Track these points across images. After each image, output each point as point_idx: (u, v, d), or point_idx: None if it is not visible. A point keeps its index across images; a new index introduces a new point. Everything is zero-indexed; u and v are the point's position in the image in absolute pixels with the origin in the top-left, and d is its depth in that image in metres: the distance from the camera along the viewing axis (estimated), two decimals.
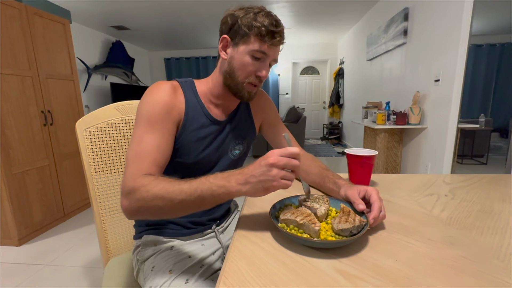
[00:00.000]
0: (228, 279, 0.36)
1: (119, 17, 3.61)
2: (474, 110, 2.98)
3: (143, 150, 0.55)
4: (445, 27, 2.04)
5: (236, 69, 0.62)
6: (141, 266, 0.66)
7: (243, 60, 0.61)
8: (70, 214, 2.25)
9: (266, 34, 0.58)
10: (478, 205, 0.60)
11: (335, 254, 0.42)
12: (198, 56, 5.69)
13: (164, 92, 0.60)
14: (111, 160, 0.79)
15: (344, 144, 5.29)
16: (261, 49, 0.59)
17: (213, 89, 0.68)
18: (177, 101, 0.62)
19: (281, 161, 0.44)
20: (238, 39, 0.61)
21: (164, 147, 0.58)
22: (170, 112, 0.60)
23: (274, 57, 0.63)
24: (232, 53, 0.62)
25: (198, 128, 0.65)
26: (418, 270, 0.37)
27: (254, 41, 0.59)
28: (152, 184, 0.48)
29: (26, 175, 1.86)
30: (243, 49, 0.60)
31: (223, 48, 0.64)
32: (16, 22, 1.79)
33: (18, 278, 1.48)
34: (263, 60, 0.62)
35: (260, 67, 0.62)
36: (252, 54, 0.60)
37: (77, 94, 2.34)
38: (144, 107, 0.59)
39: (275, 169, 0.44)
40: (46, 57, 2.02)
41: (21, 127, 1.82)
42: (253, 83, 0.63)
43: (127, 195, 0.49)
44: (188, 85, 0.67)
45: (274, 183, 0.44)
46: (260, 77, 0.63)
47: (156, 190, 0.47)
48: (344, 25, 4.43)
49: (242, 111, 0.75)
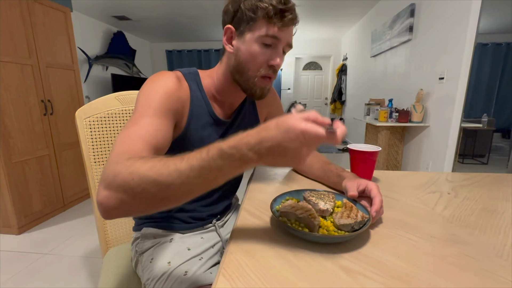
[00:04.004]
0: (227, 271, 0.36)
1: (121, 7, 3.56)
2: (477, 110, 2.96)
3: (136, 133, 0.44)
4: (452, 24, 2.01)
5: (244, 61, 0.55)
6: (139, 258, 0.66)
7: (252, 50, 0.54)
8: (70, 204, 2.25)
9: (275, 14, 0.51)
10: (481, 203, 0.59)
11: (336, 249, 0.41)
12: (200, 49, 5.63)
13: (168, 81, 0.54)
14: (110, 150, 0.79)
15: (345, 141, 5.28)
16: (271, 33, 0.52)
17: (218, 84, 0.62)
18: (182, 93, 0.56)
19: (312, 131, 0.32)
20: (243, 27, 0.54)
21: (163, 134, 0.48)
22: (173, 102, 0.53)
23: (287, 41, 0.55)
24: (238, 44, 0.55)
25: (201, 127, 0.60)
26: (420, 267, 0.37)
27: (261, 25, 0.52)
28: (137, 164, 0.36)
29: (26, 164, 1.86)
30: (249, 37, 0.54)
31: (228, 41, 0.57)
32: (16, 8, 1.77)
33: (17, 266, 1.49)
34: (275, 46, 0.54)
35: (272, 54, 0.54)
36: (261, 41, 0.53)
37: (78, 84, 2.32)
38: (144, 94, 0.52)
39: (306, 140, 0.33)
40: (46, 45, 1.99)
41: (20, 116, 1.81)
42: (267, 75, 0.56)
43: (106, 183, 0.36)
44: (193, 77, 0.61)
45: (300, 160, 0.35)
46: (274, 66, 0.55)
47: (143, 171, 0.35)
48: (349, 21, 4.37)
49: (247, 107, 0.71)
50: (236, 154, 0.34)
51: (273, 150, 0.33)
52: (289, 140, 0.33)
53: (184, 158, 0.35)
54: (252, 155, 0.34)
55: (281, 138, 0.33)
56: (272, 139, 0.33)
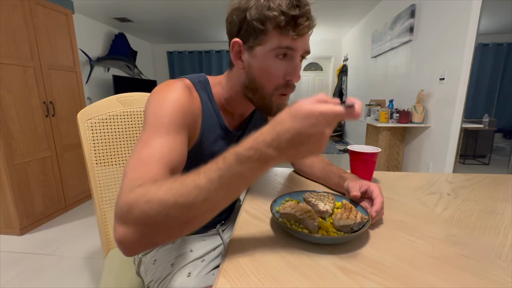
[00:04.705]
0: (228, 273, 0.36)
1: (122, 8, 3.58)
2: (478, 110, 2.95)
3: (149, 156, 0.40)
4: (452, 25, 2.01)
5: (258, 78, 0.49)
6: (142, 259, 0.66)
7: (264, 65, 0.48)
8: (72, 205, 2.26)
9: (287, 23, 0.44)
10: (481, 204, 0.60)
11: (335, 250, 0.41)
12: (201, 50, 5.64)
13: (179, 92, 0.48)
14: (112, 152, 0.79)
15: (346, 142, 5.27)
16: (284, 45, 0.46)
17: (227, 96, 0.57)
18: (194, 106, 0.51)
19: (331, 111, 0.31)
20: (252, 41, 0.48)
21: (178, 153, 0.44)
22: (186, 117, 0.48)
23: (304, 49, 0.49)
24: (249, 60, 0.49)
25: (213, 141, 0.57)
26: (419, 268, 0.37)
27: (272, 38, 0.46)
28: (153, 189, 0.33)
29: (28, 165, 1.87)
30: (260, 51, 0.47)
31: (236, 56, 0.51)
32: (19, 11, 1.78)
33: (19, 267, 1.49)
34: (291, 57, 0.48)
35: (288, 68, 0.49)
36: (275, 54, 0.47)
37: (79, 86, 2.33)
38: (155, 108, 0.46)
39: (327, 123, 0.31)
40: (48, 47, 2.01)
41: (23, 118, 1.82)
42: (284, 92, 0.51)
43: (122, 217, 0.33)
44: (203, 87, 0.56)
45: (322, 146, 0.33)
46: (291, 82, 0.50)
47: (160, 195, 0.32)
48: (349, 22, 4.38)
49: (257, 116, 0.67)
50: (254, 155, 0.32)
51: (294, 140, 0.31)
52: (309, 126, 0.31)
53: (201, 173, 0.33)
54: (272, 151, 0.32)
55: (300, 126, 0.31)
56: (290, 130, 0.31)
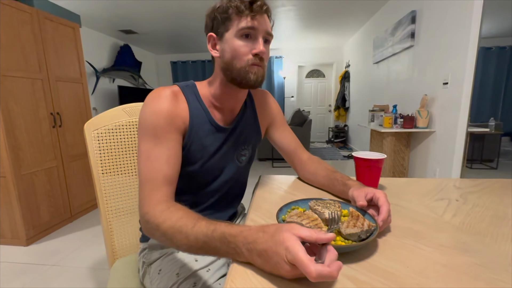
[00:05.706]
0: (234, 282, 0.36)
1: (128, 21, 3.67)
2: (483, 114, 2.92)
3: (154, 167, 0.54)
4: (454, 29, 2.01)
5: (231, 58, 0.57)
6: (147, 269, 0.66)
7: (233, 46, 0.56)
8: (77, 215, 2.27)
9: (245, 7, 0.54)
10: (491, 210, 0.58)
11: (343, 259, 0.41)
12: (204, 60, 5.74)
13: (164, 100, 0.57)
14: (118, 161, 0.80)
15: (350, 148, 5.24)
16: (244, 25, 0.55)
17: (215, 91, 0.64)
18: (179, 109, 0.59)
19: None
20: (221, 30, 0.58)
21: (173, 159, 0.56)
22: (174, 121, 0.57)
23: (264, 29, 0.57)
24: (221, 46, 0.59)
25: (203, 136, 0.62)
26: (430, 277, 0.36)
27: (235, 21, 0.56)
28: (174, 218, 0.47)
29: (35, 176, 1.89)
30: (228, 35, 0.57)
31: (213, 47, 0.61)
32: (28, 26, 1.84)
33: (25, 278, 1.49)
34: (254, 36, 0.57)
35: (253, 45, 0.57)
36: (239, 35, 0.56)
37: (86, 97, 2.37)
38: (146, 118, 0.56)
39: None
40: (56, 60, 2.06)
41: (30, 129, 1.86)
42: (255, 63, 0.57)
43: (146, 223, 0.50)
44: (190, 89, 0.63)
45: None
46: (258, 54, 0.57)
47: (169, 228, 0.47)
48: (350, 28, 4.42)
49: (248, 114, 0.71)
50: (231, 244, 0.39)
51: (261, 253, 0.36)
52: (273, 252, 0.35)
53: (196, 226, 0.44)
54: (244, 251, 0.38)
55: (268, 246, 0.35)
56: (263, 244, 0.36)
